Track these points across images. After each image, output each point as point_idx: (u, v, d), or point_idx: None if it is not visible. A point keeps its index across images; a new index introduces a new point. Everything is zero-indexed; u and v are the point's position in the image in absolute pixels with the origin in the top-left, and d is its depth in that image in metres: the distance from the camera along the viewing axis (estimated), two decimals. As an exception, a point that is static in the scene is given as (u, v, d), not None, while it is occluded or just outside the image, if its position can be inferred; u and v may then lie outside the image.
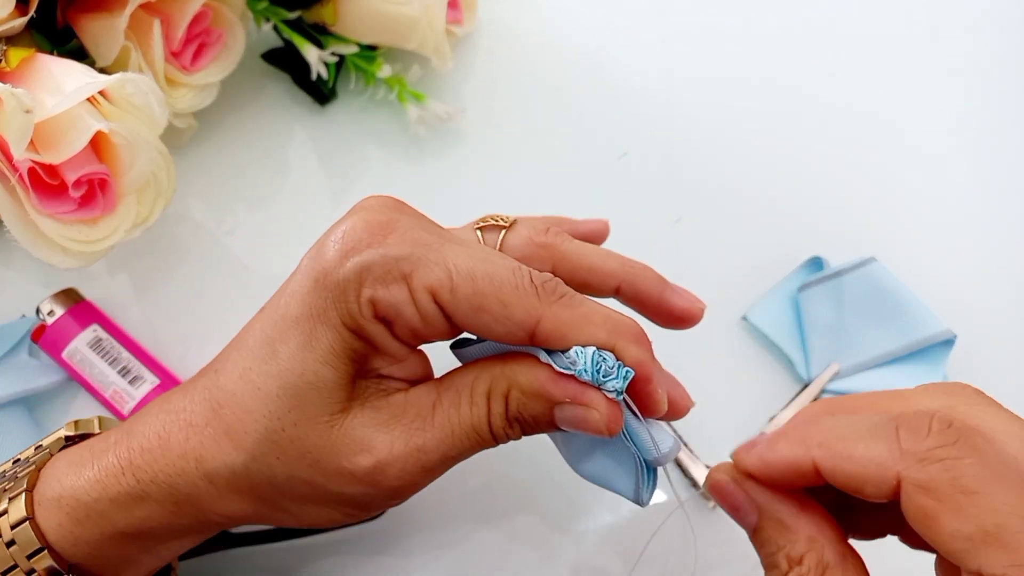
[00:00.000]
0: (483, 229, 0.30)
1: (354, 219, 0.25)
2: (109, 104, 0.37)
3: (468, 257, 0.25)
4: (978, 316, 0.44)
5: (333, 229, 0.26)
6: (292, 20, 0.47)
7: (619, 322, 0.25)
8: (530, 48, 0.53)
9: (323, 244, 0.25)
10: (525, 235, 0.30)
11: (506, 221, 0.30)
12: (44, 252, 0.37)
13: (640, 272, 0.31)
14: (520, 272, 0.25)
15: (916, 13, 0.55)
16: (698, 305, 0.31)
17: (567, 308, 0.25)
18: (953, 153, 0.50)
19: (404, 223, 0.25)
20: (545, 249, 0.29)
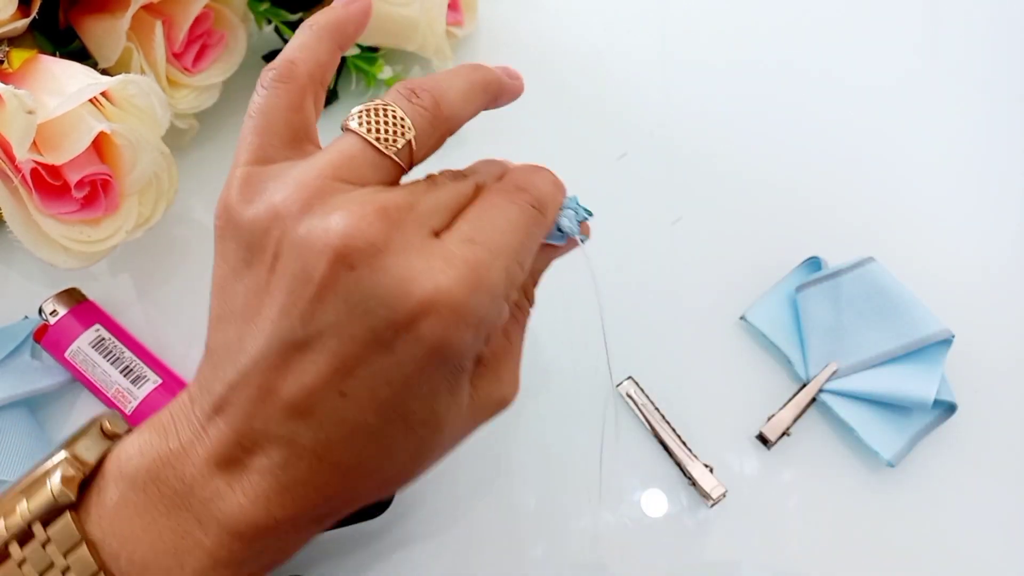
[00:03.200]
0: (398, 152, 0.28)
1: (446, 281, 0.25)
2: (111, 105, 0.37)
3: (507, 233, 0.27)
4: (976, 316, 0.44)
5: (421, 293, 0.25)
6: (293, 21, 0.47)
7: (555, 180, 0.31)
8: (530, 49, 0.53)
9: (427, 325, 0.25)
10: (428, 129, 0.29)
11: (397, 117, 0.29)
12: (46, 252, 0.38)
13: (495, 86, 0.34)
14: (524, 210, 0.28)
15: (916, 13, 0.55)
16: (519, 76, 0.35)
17: (545, 197, 0.30)
18: (952, 153, 0.50)
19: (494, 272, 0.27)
20: (446, 125, 0.30)
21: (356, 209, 0.25)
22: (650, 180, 0.49)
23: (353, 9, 0.32)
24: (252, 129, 0.28)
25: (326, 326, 0.25)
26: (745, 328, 0.45)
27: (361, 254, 0.24)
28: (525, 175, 0.30)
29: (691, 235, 0.47)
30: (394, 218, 0.25)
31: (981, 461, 0.42)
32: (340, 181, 0.26)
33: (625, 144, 0.50)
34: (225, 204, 0.27)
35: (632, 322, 0.44)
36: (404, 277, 0.25)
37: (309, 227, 0.25)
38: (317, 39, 0.30)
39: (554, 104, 0.51)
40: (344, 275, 0.24)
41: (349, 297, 0.25)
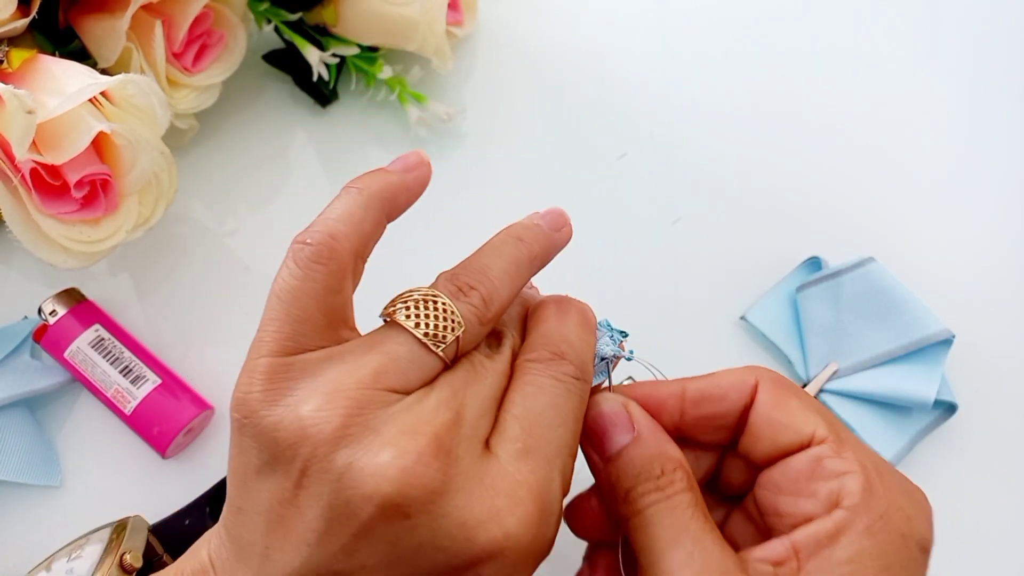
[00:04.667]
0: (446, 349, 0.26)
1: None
2: (111, 105, 0.37)
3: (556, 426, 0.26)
4: (977, 316, 0.44)
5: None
6: (293, 21, 0.47)
7: (587, 320, 0.29)
8: (530, 49, 0.53)
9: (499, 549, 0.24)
10: (476, 326, 0.27)
11: (446, 311, 0.26)
12: (46, 252, 0.37)
13: (542, 255, 0.30)
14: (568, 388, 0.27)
15: (916, 14, 0.55)
16: (567, 219, 0.31)
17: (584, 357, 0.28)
18: (952, 153, 0.50)
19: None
20: (489, 324, 0.27)
21: (409, 445, 0.23)
22: (650, 180, 0.49)
23: (411, 179, 0.28)
24: (281, 315, 0.25)
25: (372, 565, 0.23)
26: (745, 328, 0.44)
27: (418, 503, 0.22)
28: (556, 329, 0.28)
29: (691, 235, 0.47)
30: (447, 447, 0.23)
31: (981, 461, 0.42)
32: (384, 390, 0.24)
33: (625, 144, 0.50)
34: (243, 400, 0.24)
35: (632, 322, 0.44)
36: (466, 524, 0.23)
37: (351, 461, 0.22)
38: (364, 208, 0.26)
39: (554, 104, 0.51)
40: (397, 523, 0.23)
41: (401, 543, 0.23)
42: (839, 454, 0.26)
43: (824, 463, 0.26)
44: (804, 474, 0.26)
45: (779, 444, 0.27)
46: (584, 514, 0.30)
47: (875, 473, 0.25)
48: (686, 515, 0.25)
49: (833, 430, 0.26)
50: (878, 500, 0.25)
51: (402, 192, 0.28)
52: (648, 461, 0.26)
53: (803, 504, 0.25)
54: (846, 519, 0.24)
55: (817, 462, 0.26)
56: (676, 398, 0.28)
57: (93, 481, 0.40)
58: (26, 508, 0.39)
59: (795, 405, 0.27)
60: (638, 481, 0.26)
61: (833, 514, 0.25)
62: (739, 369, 0.29)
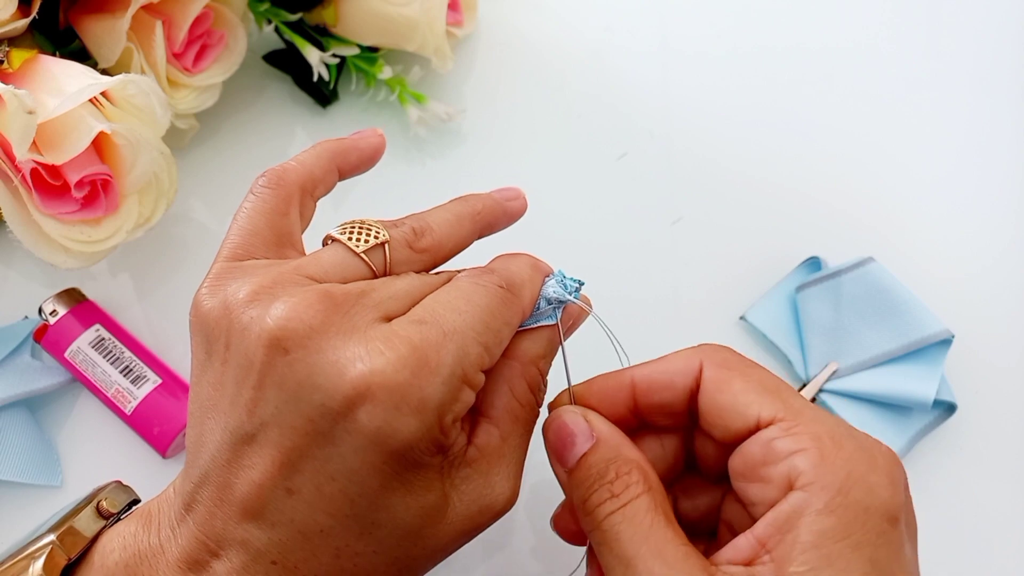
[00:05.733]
0: (368, 252, 0.28)
1: (384, 371, 0.24)
2: (111, 105, 0.38)
3: (469, 316, 0.26)
4: (976, 316, 0.44)
5: (354, 389, 0.24)
6: (293, 22, 0.47)
7: (533, 263, 0.30)
8: (530, 49, 0.53)
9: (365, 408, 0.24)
10: (403, 244, 0.29)
11: (374, 229, 0.29)
12: (46, 252, 0.38)
13: (486, 213, 0.32)
14: (492, 286, 0.28)
15: (916, 15, 0.55)
16: (521, 197, 0.34)
17: (520, 280, 0.29)
18: (952, 153, 0.50)
19: (412, 337, 0.25)
20: (425, 253, 0.30)
21: (298, 293, 0.25)
22: (650, 180, 0.49)
23: (363, 142, 0.33)
24: (235, 229, 0.29)
25: (268, 416, 0.24)
26: (745, 328, 0.45)
27: (295, 337, 0.24)
28: (498, 260, 0.30)
29: (691, 235, 0.47)
30: (339, 302, 0.25)
31: (981, 461, 0.42)
32: (303, 276, 0.26)
33: (625, 144, 0.50)
34: (194, 298, 0.27)
35: (632, 322, 0.44)
36: (338, 360, 0.23)
37: (251, 315, 0.25)
38: (316, 156, 0.31)
39: (554, 104, 0.51)
40: (279, 360, 0.24)
41: (284, 383, 0.24)
42: (789, 432, 0.25)
43: (773, 444, 0.25)
44: (758, 459, 0.25)
45: (731, 430, 0.26)
46: (568, 522, 0.30)
47: (831, 445, 0.24)
48: (644, 524, 0.24)
49: (783, 406, 0.25)
50: (834, 474, 0.23)
51: (352, 151, 0.32)
52: (603, 466, 0.26)
53: (763, 491, 0.25)
54: (802, 500, 0.23)
55: (766, 445, 0.25)
56: (626, 389, 0.29)
57: (93, 481, 0.40)
58: (26, 508, 0.39)
59: (738, 387, 0.26)
60: (593, 488, 0.26)
61: (789, 497, 0.24)
62: (685, 351, 0.28)
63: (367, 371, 0.23)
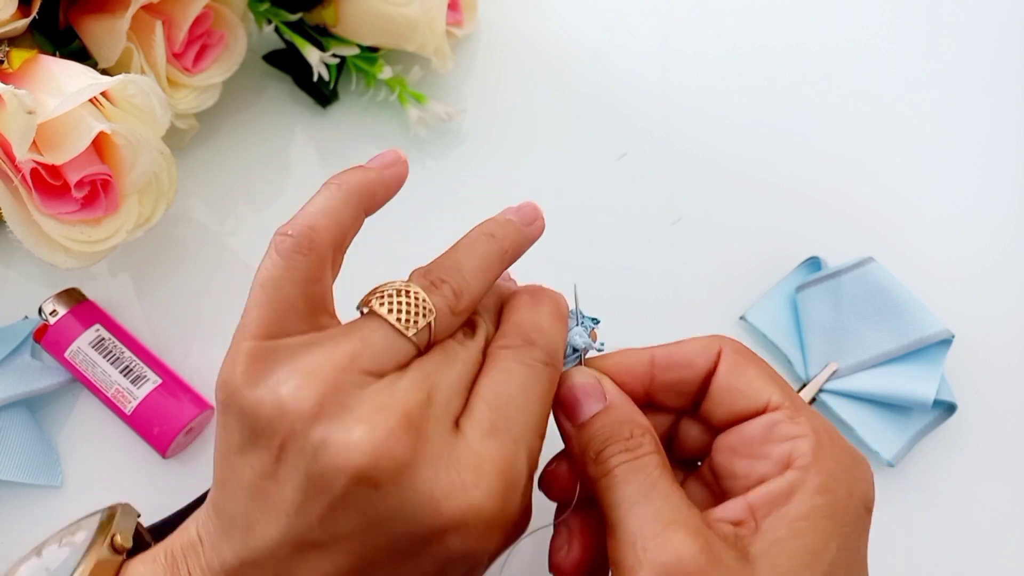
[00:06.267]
0: (418, 333, 0.27)
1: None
2: (111, 105, 0.37)
3: (524, 408, 0.27)
4: (976, 316, 0.44)
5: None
6: (293, 22, 0.47)
7: (560, 309, 0.30)
8: (530, 49, 0.53)
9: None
10: (448, 314, 0.28)
11: (418, 299, 0.27)
12: (46, 252, 0.38)
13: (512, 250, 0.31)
14: (537, 372, 0.28)
15: (916, 15, 0.55)
16: (539, 213, 0.33)
17: (554, 344, 0.29)
18: (952, 153, 0.50)
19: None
20: (463, 315, 0.29)
21: (380, 422, 0.24)
22: (650, 180, 0.49)
23: (387, 175, 0.30)
24: (263, 301, 0.26)
25: (346, 533, 0.24)
26: (745, 328, 0.45)
27: (387, 474, 0.24)
28: (528, 318, 0.29)
29: (691, 235, 0.47)
30: (417, 424, 0.25)
31: (981, 461, 0.42)
32: (360, 374, 0.25)
33: (625, 144, 0.50)
34: (226, 381, 0.25)
35: (632, 322, 0.44)
36: (433, 495, 0.24)
37: (326, 436, 0.24)
38: (343, 202, 0.28)
39: (554, 104, 0.51)
40: (368, 493, 0.24)
41: (372, 512, 0.24)
42: (792, 419, 0.27)
43: (778, 427, 0.27)
44: (759, 438, 0.28)
45: (736, 409, 0.29)
46: (556, 477, 0.31)
47: (826, 437, 0.27)
48: (654, 475, 0.27)
49: (788, 397, 0.28)
50: (828, 461, 0.26)
51: (379, 187, 0.30)
52: (618, 425, 0.28)
53: (758, 466, 0.27)
54: (798, 478, 0.26)
55: (771, 427, 0.28)
56: (645, 365, 0.30)
57: (93, 481, 0.40)
58: (26, 508, 0.39)
59: (752, 373, 0.29)
60: (608, 443, 0.28)
61: (786, 474, 0.26)
62: (704, 337, 0.31)
63: (465, 507, 0.24)
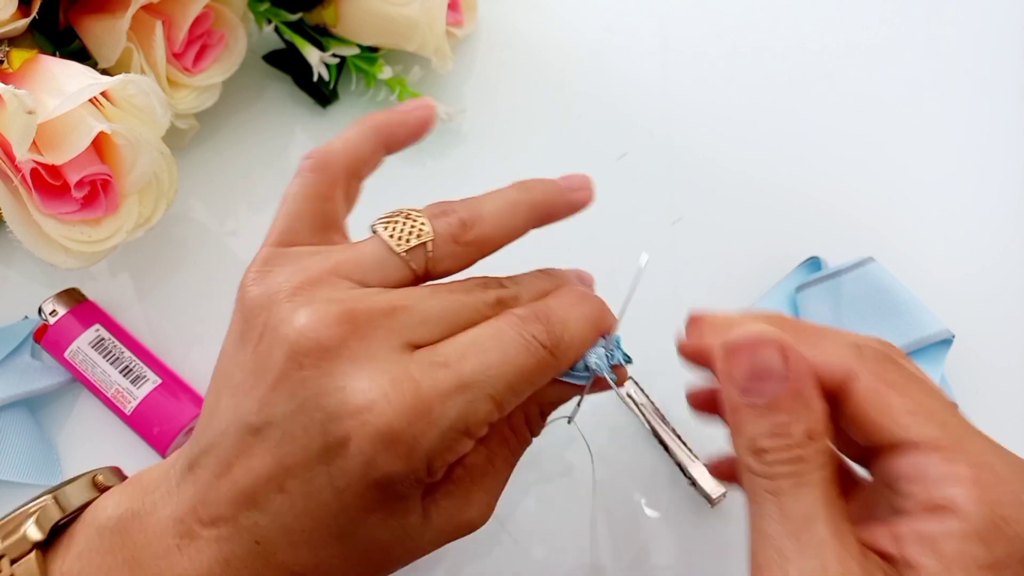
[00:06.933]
0: (409, 252, 0.27)
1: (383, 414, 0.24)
2: (111, 105, 0.38)
3: (492, 369, 0.25)
4: (976, 316, 0.44)
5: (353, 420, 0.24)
6: (293, 22, 0.47)
7: (598, 319, 0.28)
8: (530, 49, 0.53)
9: (355, 443, 0.24)
10: (449, 240, 0.28)
11: (419, 221, 0.28)
12: (46, 252, 0.38)
13: (546, 203, 0.31)
14: (532, 345, 0.26)
15: (916, 14, 0.55)
16: (589, 187, 0.33)
17: (567, 341, 0.27)
18: (952, 153, 0.50)
19: (425, 383, 0.24)
20: (472, 246, 0.29)
21: (322, 307, 0.25)
22: (650, 180, 0.49)
23: (411, 116, 0.32)
24: (281, 213, 0.29)
25: (275, 418, 0.25)
26: (745, 328, 0.44)
27: (309, 354, 0.24)
28: (559, 306, 0.28)
29: (691, 235, 0.47)
30: (360, 323, 0.25)
31: (981, 461, 0.42)
32: (341, 277, 0.26)
33: (625, 144, 0.50)
34: (242, 280, 0.27)
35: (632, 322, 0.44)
36: (344, 388, 0.24)
37: (281, 316, 0.25)
38: (362, 135, 0.30)
39: (554, 104, 0.51)
40: (293, 372, 0.24)
41: (295, 394, 0.24)
42: (946, 460, 0.23)
43: (927, 470, 0.23)
44: (903, 474, 0.23)
45: (875, 441, 0.24)
46: (704, 401, 0.29)
47: (991, 477, 0.23)
48: (818, 504, 0.23)
49: (941, 431, 0.23)
50: (988, 506, 0.22)
51: (399, 126, 0.31)
52: (793, 420, 0.23)
53: (905, 503, 0.23)
54: (952, 524, 0.22)
55: (919, 468, 0.23)
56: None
57: (93, 481, 0.40)
58: (26, 508, 0.39)
59: (896, 406, 0.24)
60: (775, 442, 0.24)
61: (938, 516, 0.22)
62: (839, 340, 0.25)
63: (366, 408, 0.24)
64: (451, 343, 0.25)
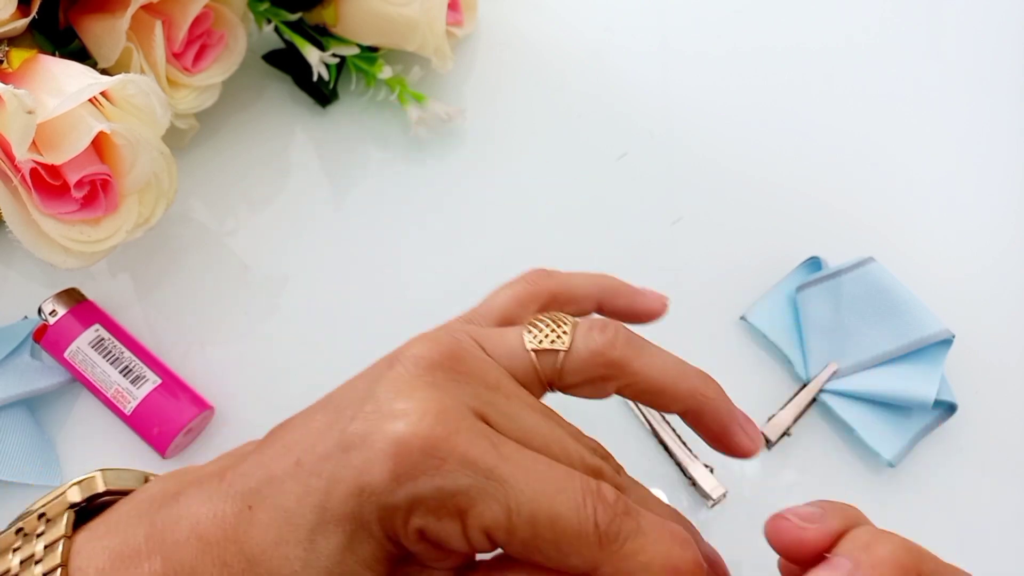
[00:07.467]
0: (538, 353, 0.26)
1: (410, 426, 0.22)
2: (111, 105, 0.37)
3: (532, 487, 0.22)
4: (976, 316, 0.44)
5: (383, 421, 0.23)
6: (293, 21, 0.47)
7: (680, 566, 0.23)
8: (530, 49, 0.53)
9: (371, 439, 0.23)
10: (586, 354, 0.26)
11: (562, 328, 0.27)
12: (46, 252, 0.37)
13: (710, 400, 0.29)
14: (585, 510, 0.23)
15: (916, 15, 0.55)
16: (758, 443, 0.31)
17: (626, 550, 0.23)
18: (952, 153, 0.50)
19: (463, 435, 0.22)
20: (612, 368, 0.27)
21: (444, 337, 0.25)
22: (650, 180, 0.49)
23: (643, 298, 0.32)
24: (482, 302, 0.30)
25: (335, 397, 0.26)
26: (745, 328, 0.44)
27: (403, 361, 0.25)
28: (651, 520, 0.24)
29: (691, 235, 0.47)
30: (461, 368, 0.24)
31: (981, 461, 0.42)
32: (470, 339, 0.26)
33: (625, 144, 0.50)
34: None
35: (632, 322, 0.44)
36: (403, 395, 0.23)
37: (410, 342, 0.26)
38: (590, 282, 0.31)
39: (554, 104, 0.51)
40: (385, 370, 0.25)
41: (368, 381, 0.25)
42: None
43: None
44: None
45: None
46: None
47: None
48: None
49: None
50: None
51: (625, 298, 0.33)
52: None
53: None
54: None
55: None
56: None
57: (93, 481, 0.40)
58: (26, 508, 0.39)
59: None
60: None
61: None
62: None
63: (402, 414, 0.23)
64: (515, 443, 0.23)
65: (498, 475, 0.22)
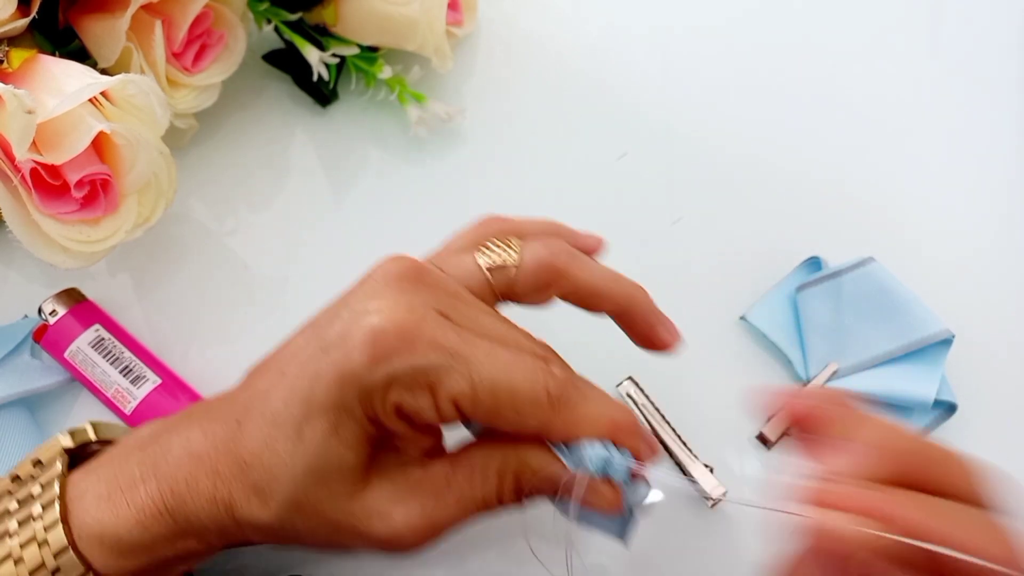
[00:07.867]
0: (491, 270, 0.30)
1: (383, 318, 0.26)
2: (111, 105, 0.37)
3: (491, 365, 0.26)
4: (976, 315, 0.44)
5: (358, 318, 0.26)
6: (293, 21, 0.47)
7: (619, 420, 0.28)
8: (530, 49, 0.53)
9: (349, 334, 0.26)
10: (533, 264, 0.30)
11: (511, 249, 0.31)
12: (46, 252, 0.38)
13: (638, 301, 0.33)
14: (539, 382, 0.27)
15: (916, 14, 0.55)
16: (677, 339, 0.33)
17: (575, 410, 0.27)
18: (952, 153, 0.50)
19: (430, 323, 0.26)
20: (556, 274, 0.31)
21: (408, 258, 0.29)
22: (650, 180, 0.49)
23: (581, 240, 0.34)
24: (441, 246, 0.32)
25: (317, 316, 0.29)
26: (745, 328, 0.44)
27: (376, 278, 0.29)
28: (593, 389, 0.29)
29: (690, 235, 0.47)
30: (425, 280, 0.28)
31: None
32: (437, 269, 0.29)
33: (625, 144, 0.50)
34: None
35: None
36: (374, 299, 0.27)
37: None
38: (537, 226, 0.33)
39: (554, 104, 0.51)
40: (357, 286, 0.29)
41: (344, 298, 0.29)
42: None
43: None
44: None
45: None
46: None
47: None
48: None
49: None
50: None
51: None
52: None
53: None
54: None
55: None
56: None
57: (93, 481, 0.40)
58: (26, 508, 0.39)
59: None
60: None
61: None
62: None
63: (375, 310, 0.26)
64: (475, 331, 0.27)
65: (462, 354, 0.26)
